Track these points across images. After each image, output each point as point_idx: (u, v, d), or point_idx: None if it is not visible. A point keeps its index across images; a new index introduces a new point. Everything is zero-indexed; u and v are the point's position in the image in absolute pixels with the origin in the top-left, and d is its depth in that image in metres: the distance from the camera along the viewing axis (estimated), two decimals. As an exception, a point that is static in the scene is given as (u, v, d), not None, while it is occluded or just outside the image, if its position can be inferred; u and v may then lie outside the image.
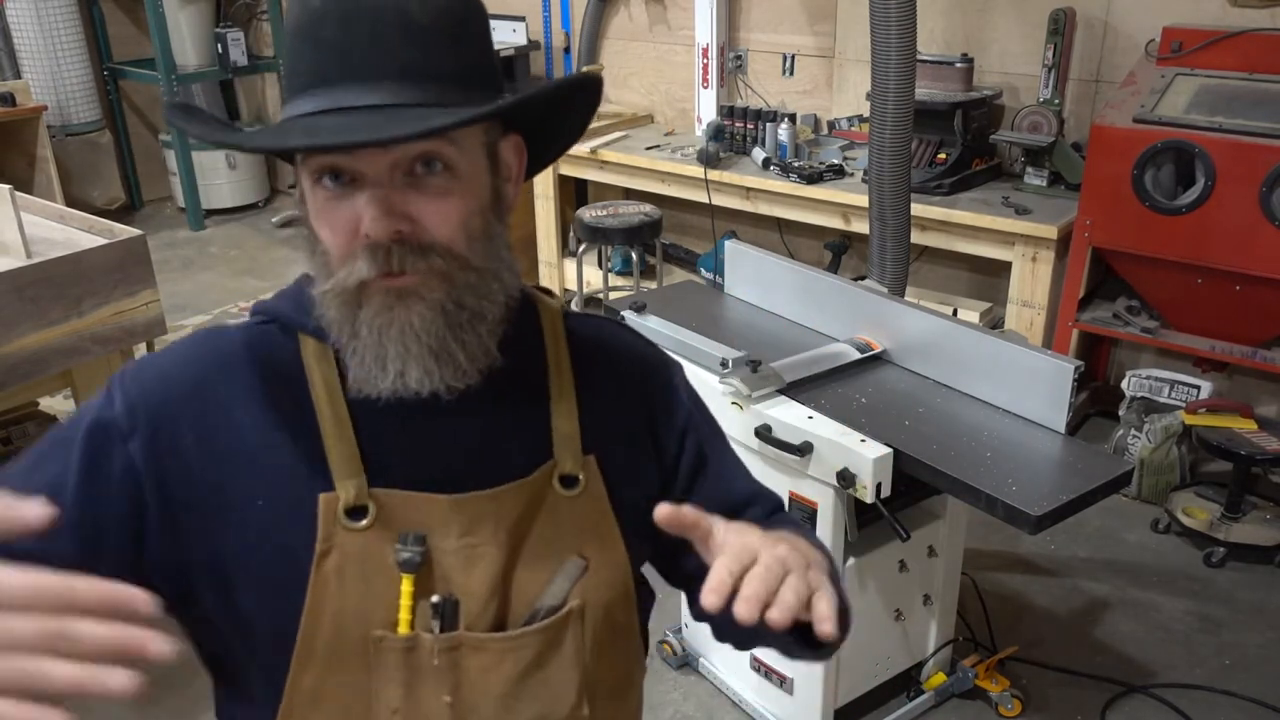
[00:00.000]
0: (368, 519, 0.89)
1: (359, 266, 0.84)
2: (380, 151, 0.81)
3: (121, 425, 0.88)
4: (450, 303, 0.86)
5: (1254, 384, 3.37)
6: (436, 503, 0.91)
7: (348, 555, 0.89)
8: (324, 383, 0.92)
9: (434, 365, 0.86)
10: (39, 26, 5.27)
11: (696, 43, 4.33)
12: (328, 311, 0.88)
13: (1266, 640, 2.61)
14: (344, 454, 0.90)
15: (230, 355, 0.93)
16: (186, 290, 4.95)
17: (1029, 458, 1.90)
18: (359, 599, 0.89)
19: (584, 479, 0.97)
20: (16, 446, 2.91)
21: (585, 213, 3.77)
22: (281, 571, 0.88)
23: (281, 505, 0.89)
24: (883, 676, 2.32)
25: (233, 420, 0.90)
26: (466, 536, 0.91)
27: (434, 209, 0.84)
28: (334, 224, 0.85)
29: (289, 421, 0.91)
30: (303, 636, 0.88)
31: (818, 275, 2.45)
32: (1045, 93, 3.44)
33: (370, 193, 0.83)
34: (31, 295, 2.30)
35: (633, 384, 1.05)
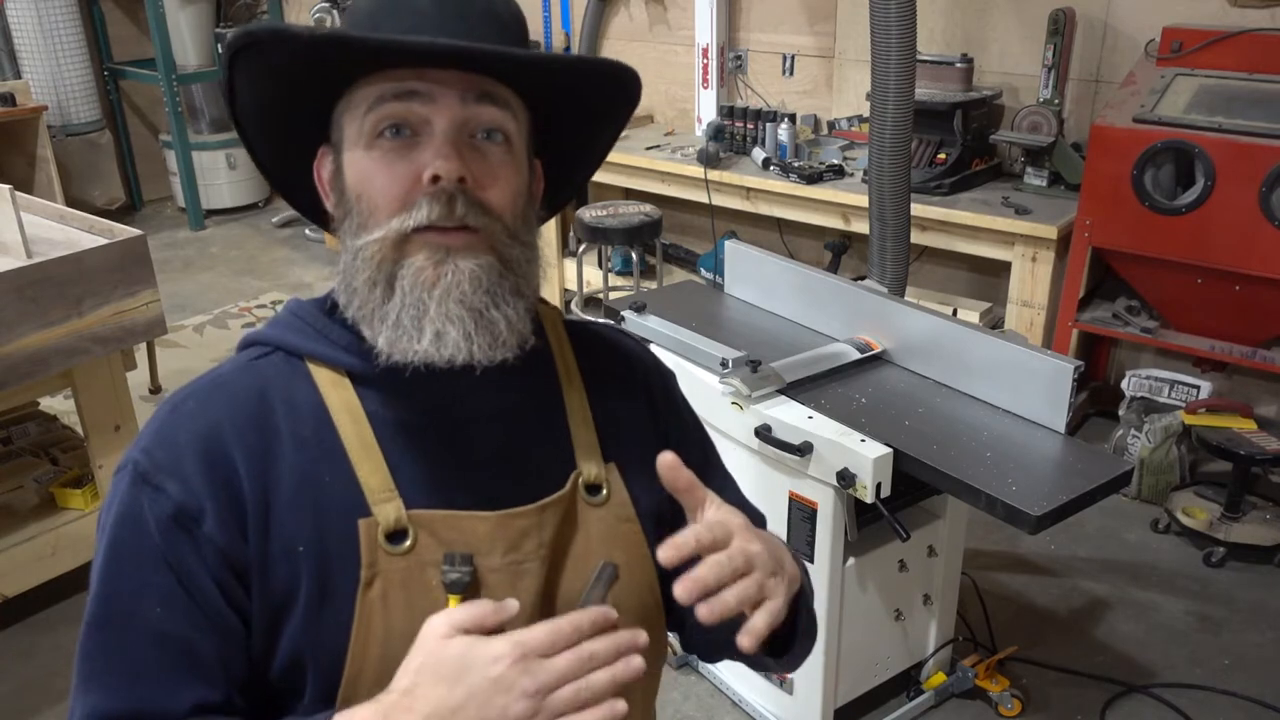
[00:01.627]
0: (409, 542, 0.87)
1: (419, 211, 0.83)
2: (458, 104, 0.84)
3: (189, 507, 0.85)
4: (496, 269, 0.86)
5: (1254, 384, 3.37)
6: (481, 520, 0.89)
7: (391, 581, 0.87)
8: (346, 408, 0.90)
9: (474, 331, 0.85)
10: (39, 26, 5.27)
11: (696, 43, 4.33)
12: (359, 273, 0.86)
13: (1266, 640, 2.61)
14: (377, 479, 0.88)
15: (249, 398, 0.90)
16: (187, 290, 4.96)
17: (1029, 458, 1.90)
18: (405, 624, 0.86)
19: (607, 488, 0.96)
20: (17, 447, 2.92)
21: (585, 213, 3.77)
22: (328, 610, 0.86)
23: (321, 542, 0.87)
24: (883, 676, 2.32)
25: (269, 465, 0.87)
26: (512, 553, 0.90)
27: (494, 174, 0.86)
28: (392, 173, 0.84)
29: (317, 455, 0.88)
30: (350, 666, 0.86)
31: (818, 275, 2.45)
32: (1045, 93, 3.44)
33: (442, 135, 0.84)
34: (32, 295, 2.30)
35: (639, 389, 1.05)
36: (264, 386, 0.90)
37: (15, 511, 2.68)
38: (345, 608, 0.86)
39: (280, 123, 0.92)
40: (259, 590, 0.86)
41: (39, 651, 2.52)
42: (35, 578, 2.57)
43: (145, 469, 0.86)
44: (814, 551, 2.06)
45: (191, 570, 0.84)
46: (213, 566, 0.85)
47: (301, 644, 0.87)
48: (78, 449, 2.87)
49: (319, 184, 0.94)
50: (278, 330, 0.94)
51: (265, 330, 0.95)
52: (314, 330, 0.93)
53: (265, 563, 0.86)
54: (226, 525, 0.85)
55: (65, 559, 2.61)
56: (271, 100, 0.89)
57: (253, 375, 0.91)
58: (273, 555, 0.86)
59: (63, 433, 3.05)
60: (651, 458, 0.99)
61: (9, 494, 2.69)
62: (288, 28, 0.81)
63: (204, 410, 0.89)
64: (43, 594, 2.60)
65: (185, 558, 0.84)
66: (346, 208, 0.88)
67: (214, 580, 0.85)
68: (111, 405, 2.60)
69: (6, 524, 2.63)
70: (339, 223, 0.90)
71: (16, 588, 2.54)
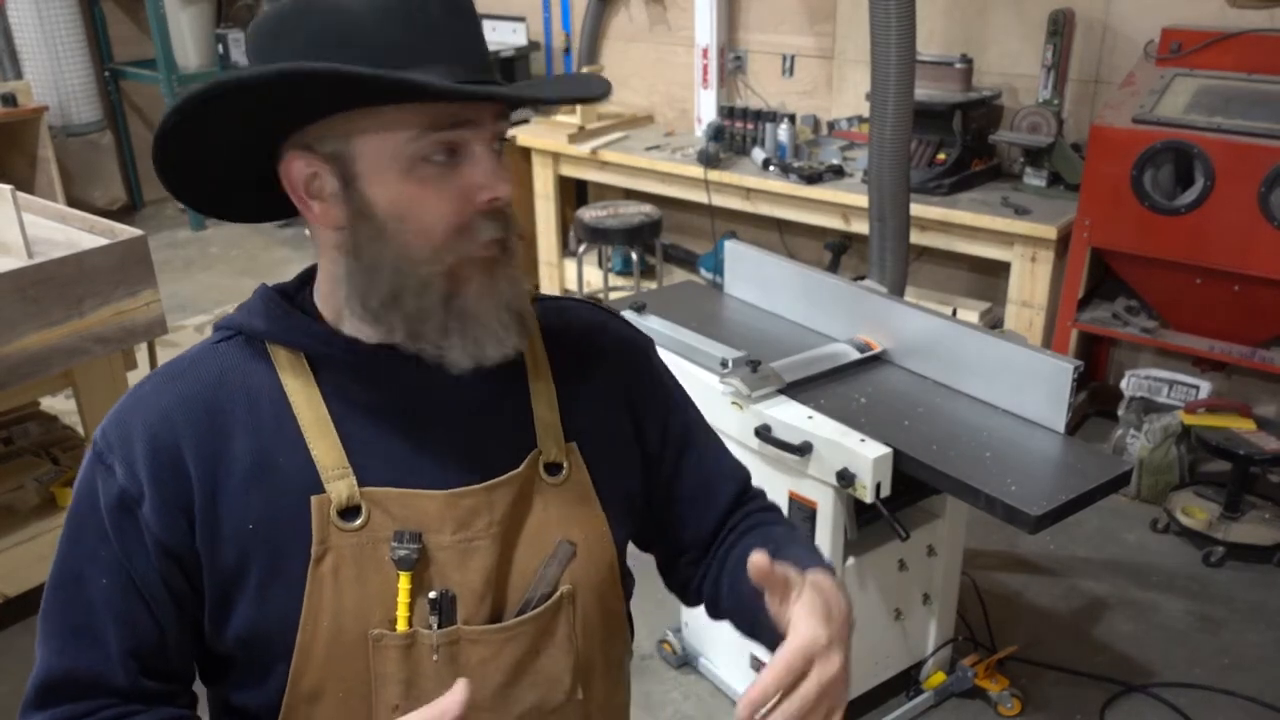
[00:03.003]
0: (361, 519, 0.89)
1: (482, 231, 0.86)
2: (492, 122, 0.86)
3: (131, 492, 0.88)
4: (516, 269, 0.91)
5: (1253, 384, 3.37)
6: (431, 499, 0.91)
7: (343, 556, 0.89)
8: (302, 389, 0.92)
9: (517, 329, 0.90)
10: (40, 27, 5.27)
11: (696, 43, 4.33)
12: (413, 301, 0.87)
13: (1266, 640, 2.62)
14: (330, 456, 0.90)
15: (205, 383, 0.91)
16: (187, 290, 4.96)
17: (1028, 458, 1.90)
18: (356, 599, 0.89)
19: (567, 467, 0.98)
20: (17, 447, 2.92)
21: (585, 213, 3.78)
22: (279, 585, 0.89)
23: (273, 519, 0.89)
24: (882, 676, 2.32)
25: (223, 448, 0.89)
26: (461, 531, 0.92)
27: (509, 182, 0.89)
28: (443, 196, 0.85)
29: (273, 435, 0.90)
30: (301, 639, 0.89)
31: (818, 275, 2.46)
32: (1045, 93, 3.44)
33: (489, 156, 0.86)
34: (33, 295, 2.31)
35: (609, 367, 1.06)
36: (223, 370, 0.92)
37: (15, 511, 2.68)
38: (296, 582, 0.88)
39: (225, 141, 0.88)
40: (209, 570, 0.89)
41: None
42: (35, 578, 2.57)
43: (101, 448, 0.90)
44: (814, 551, 2.07)
45: (133, 551, 0.89)
46: (151, 550, 0.88)
47: (253, 618, 0.89)
48: (78, 449, 2.88)
49: (292, 188, 0.89)
50: (243, 314, 0.95)
51: (233, 314, 0.97)
52: (277, 314, 0.94)
53: (215, 544, 0.88)
54: (164, 513, 0.88)
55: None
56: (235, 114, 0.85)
57: (214, 358, 0.93)
58: (223, 535, 0.88)
59: (63, 433, 3.05)
60: (619, 435, 1.04)
61: (9, 494, 2.69)
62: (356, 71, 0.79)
63: (159, 395, 0.91)
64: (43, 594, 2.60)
65: (128, 538, 0.89)
66: (371, 228, 0.86)
67: (152, 564, 0.89)
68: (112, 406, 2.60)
69: (7, 524, 2.63)
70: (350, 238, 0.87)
71: (17, 588, 2.55)
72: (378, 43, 0.82)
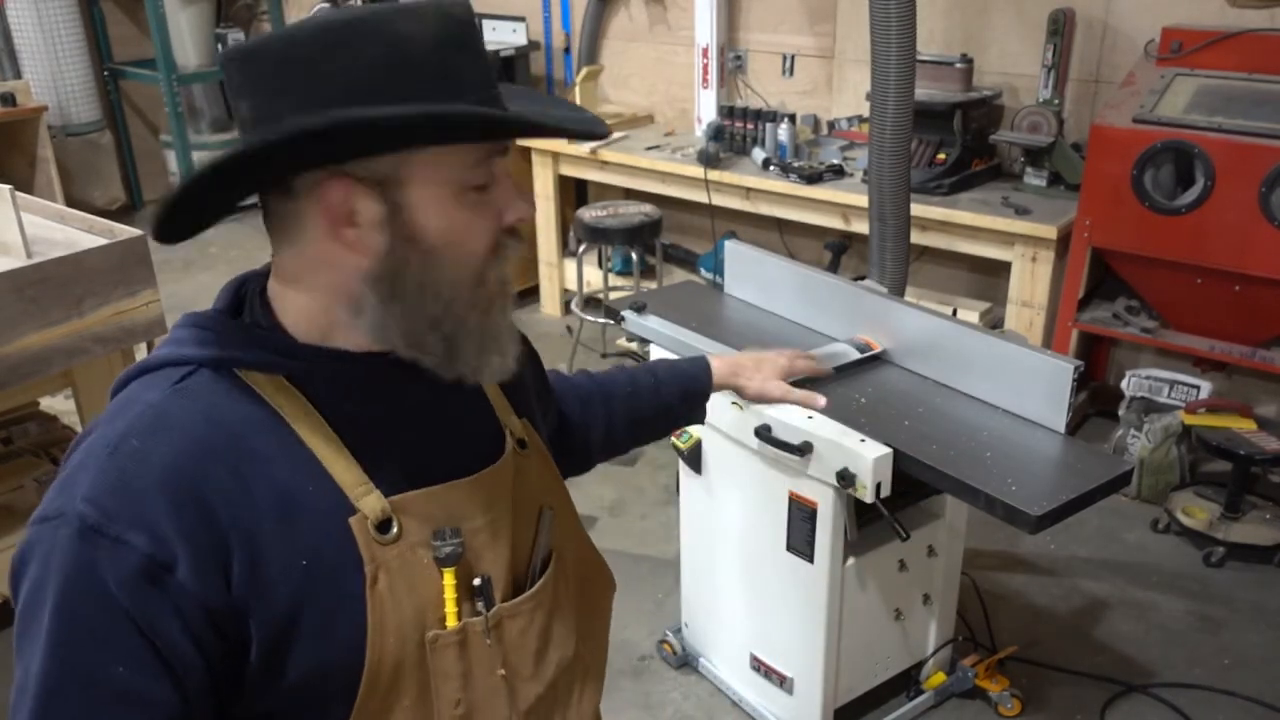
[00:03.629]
0: (395, 529, 0.89)
1: (509, 250, 0.91)
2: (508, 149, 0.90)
3: (159, 558, 0.78)
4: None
5: (1253, 384, 3.37)
6: (459, 488, 0.93)
7: (391, 570, 0.88)
8: (299, 412, 0.87)
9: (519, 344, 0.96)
10: (39, 27, 5.27)
11: (696, 43, 4.33)
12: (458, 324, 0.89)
13: (1266, 640, 2.61)
14: (350, 474, 0.87)
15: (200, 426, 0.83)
16: (187, 290, 4.96)
17: (1029, 458, 1.90)
18: (412, 608, 0.89)
19: (529, 440, 1.05)
20: (17, 446, 2.91)
21: (585, 213, 3.77)
22: (342, 610, 0.85)
23: (322, 550, 0.85)
24: (883, 676, 2.32)
25: (243, 489, 0.82)
26: (489, 512, 0.95)
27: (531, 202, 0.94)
28: (484, 221, 0.88)
29: (285, 465, 0.85)
30: (370, 663, 0.86)
31: (818, 275, 2.45)
32: (1045, 93, 3.44)
33: (510, 182, 0.90)
34: (32, 295, 2.30)
35: None
36: (207, 409, 0.84)
37: (15, 511, 2.68)
38: (357, 608, 0.86)
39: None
40: (259, 618, 0.82)
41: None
42: (35, 578, 2.57)
43: (96, 521, 0.78)
44: (814, 551, 2.07)
45: (160, 625, 0.78)
46: (187, 616, 0.79)
47: (317, 657, 0.84)
48: (78, 449, 2.87)
49: (327, 213, 0.83)
50: (191, 347, 0.87)
51: (173, 350, 0.88)
52: (234, 339, 0.88)
53: (263, 590, 0.82)
54: (203, 571, 0.79)
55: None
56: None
57: (189, 399, 0.84)
58: (271, 579, 0.82)
59: (63, 433, 3.05)
60: (539, 396, 1.17)
61: (9, 494, 2.69)
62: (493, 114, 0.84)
63: (155, 448, 0.81)
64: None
65: (154, 613, 0.78)
66: (422, 250, 0.85)
67: (187, 630, 0.79)
68: (112, 405, 2.60)
69: (6, 524, 2.63)
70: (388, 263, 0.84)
71: (16, 588, 2.54)
72: (435, 73, 0.81)
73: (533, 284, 4.64)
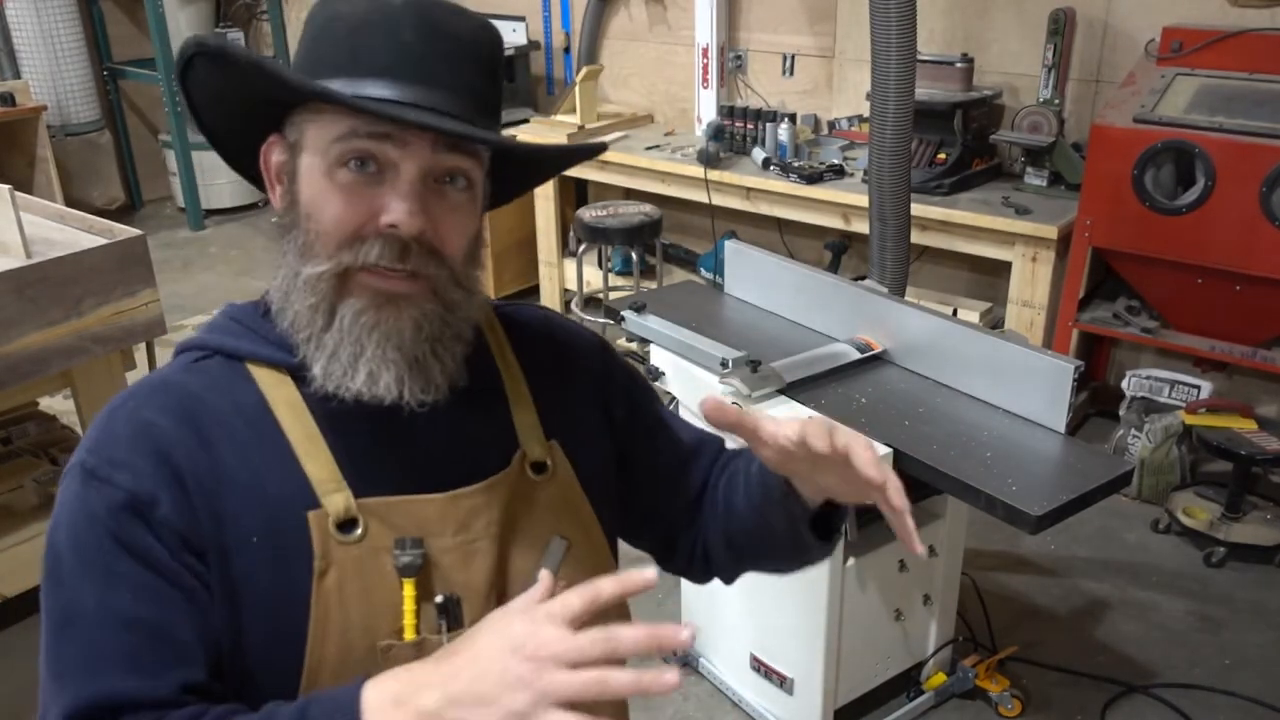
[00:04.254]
0: (359, 530, 0.89)
1: (368, 251, 0.85)
2: (429, 151, 0.85)
3: (142, 496, 0.84)
4: (438, 318, 0.88)
5: (1254, 384, 3.37)
6: (431, 502, 0.91)
7: (346, 570, 0.88)
8: (287, 404, 0.91)
9: (407, 375, 0.87)
10: (39, 26, 5.27)
11: (696, 43, 4.33)
12: (300, 298, 0.87)
13: (1266, 640, 2.61)
14: (323, 470, 0.89)
15: (189, 400, 0.90)
16: (186, 290, 4.96)
17: (1029, 458, 1.90)
18: (362, 612, 0.88)
19: (552, 464, 1.00)
20: (16, 447, 2.91)
21: (585, 213, 3.77)
22: (283, 598, 0.87)
23: (274, 533, 0.88)
24: (883, 676, 2.32)
25: (214, 462, 0.87)
26: (463, 533, 0.92)
27: (451, 220, 0.88)
28: (349, 204, 0.85)
29: (262, 452, 0.89)
30: (310, 658, 0.88)
31: (818, 275, 2.45)
32: (1045, 93, 3.44)
33: (407, 185, 0.85)
34: (31, 295, 2.30)
35: (576, 365, 1.09)
36: (204, 387, 0.91)
37: (15, 511, 2.67)
38: (301, 600, 0.87)
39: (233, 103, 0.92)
40: (218, 576, 0.86)
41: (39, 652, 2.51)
42: (35, 578, 2.52)
43: (91, 466, 0.86)
44: (814, 551, 2.06)
45: (153, 554, 0.84)
46: (173, 548, 0.84)
47: (257, 635, 0.87)
48: (77, 449, 2.87)
49: (265, 170, 0.94)
50: (215, 335, 0.95)
51: (202, 335, 0.95)
52: (252, 333, 0.94)
53: (224, 553, 0.86)
54: (182, 510, 0.85)
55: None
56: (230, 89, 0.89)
57: (193, 376, 0.92)
58: (228, 547, 0.86)
59: (62, 433, 3.04)
60: (593, 429, 1.06)
61: (9, 494, 2.69)
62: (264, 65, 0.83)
63: (141, 411, 0.89)
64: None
65: (145, 542, 0.84)
66: (295, 218, 0.89)
67: (175, 557, 0.85)
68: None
69: (6, 524, 2.63)
70: (283, 228, 0.91)
71: (16, 588, 2.54)
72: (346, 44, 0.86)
73: (533, 284, 4.64)
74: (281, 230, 0.91)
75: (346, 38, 0.86)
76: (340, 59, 0.86)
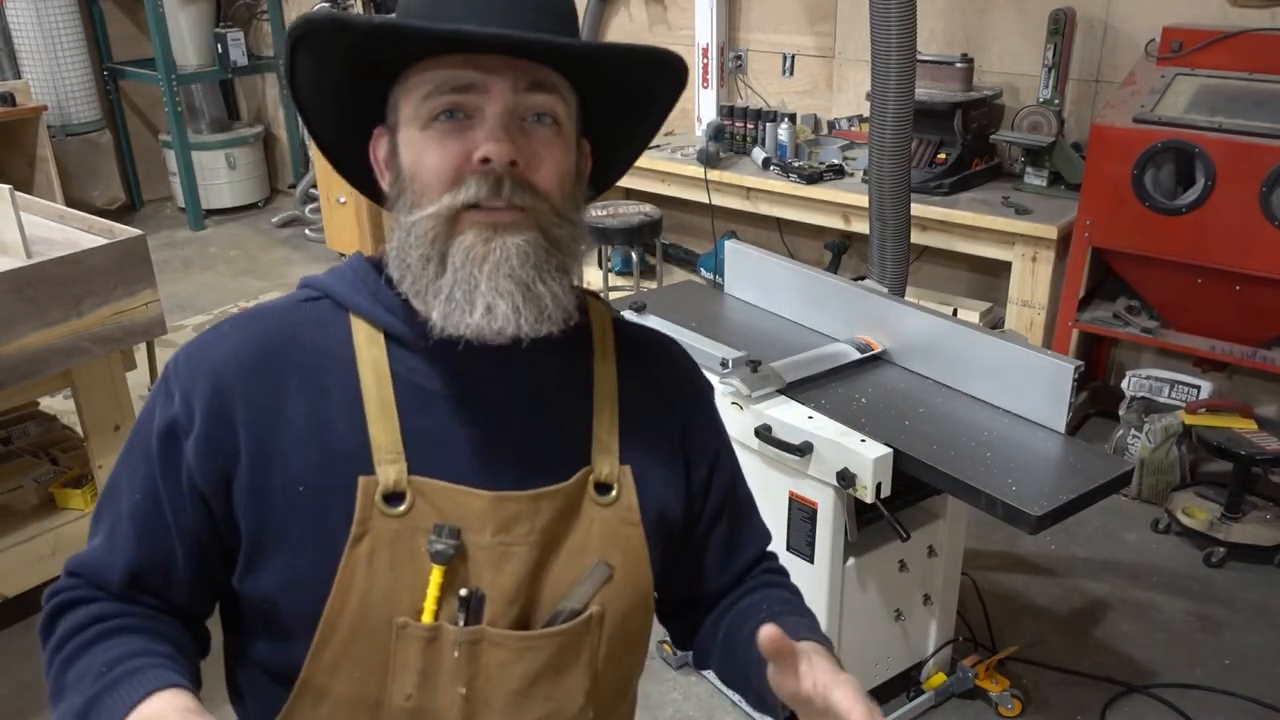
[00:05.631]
0: (404, 505, 0.90)
1: (468, 189, 0.87)
2: (510, 91, 0.87)
3: (182, 422, 0.91)
4: (543, 246, 0.89)
5: (1254, 384, 3.37)
6: (476, 497, 0.92)
7: (381, 540, 0.89)
8: (373, 365, 0.93)
9: (522, 303, 0.88)
10: (39, 26, 5.27)
11: (696, 43, 4.33)
12: (412, 250, 0.89)
13: (1266, 640, 2.61)
14: (387, 439, 0.91)
15: (280, 337, 0.94)
16: (186, 290, 4.96)
17: (1029, 458, 1.90)
18: (387, 584, 0.89)
19: (617, 489, 0.98)
20: (16, 447, 2.91)
21: (585, 213, 3.77)
22: (316, 551, 0.89)
23: (322, 487, 0.90)
24: (883, 676, 2.32)
25: (281, 403, 0.91)
26: (501, 534, 0.92)
27: (543, 155, 0.89)
28: (445, 150, 0.87)
29: (335, 404, 0.92)
30: (328, 615, 0.89)
31: (818, 275, 2.45)
32: (1045, 93, 3.44)
33: (494, 118, 0.87)
34: (31, 295, 2.30)
35: (672, 400, 1.07)
36: (298, 327, 0.94)
37: (15, 511, 2.67)
38: (332, 556, 0.89)
39: (339, 106, 0.95)
40: (249, 518, 0.90)
41: (39, 652, 2.51)
42: (35, 578, 2.56)
43: (169, 374, 0.94)
44: (814, 551, 2.06)
45: (170, 478, 0.91)
46: (185, 485, 0.91)
47: (286, 578, 0.90)
48: (78, 449, 2.87)
49: (375, 163, 0.96)
50: (333, 278, 0.97)
51: (323, 277, 0.98)
52: (364, 285, 0.96)
53: (263, 495, 0.89)
54: (205, 455, 0.90)
55: (65, 559, 2.59)
56: (331, 84, 0.93)
57: (293, 314, 0.95)
58: (272, 489, 0.89)
59: (63, 433, 3.05)
60: (669, 468, 1.03)
61: (9, 494, 2.69)
62: (346, 17, 0.85)
63: (230, 338, 0.93)
64: (42, 594, 2.59)
65: (169, 465, 0.91)
66: (401, 186, 0.91)
67: (184, 496, 0.91)
68: (111, 405, 2.60)
69: (6, 524, 2.63)
70: (394, 200, 0.93)
71: (16, 588, 2.54)
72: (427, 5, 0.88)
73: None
74: (391, 203, 0.93)
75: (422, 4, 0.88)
76: (426, 12, 0.88)
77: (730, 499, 1.10)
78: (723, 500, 1.09)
